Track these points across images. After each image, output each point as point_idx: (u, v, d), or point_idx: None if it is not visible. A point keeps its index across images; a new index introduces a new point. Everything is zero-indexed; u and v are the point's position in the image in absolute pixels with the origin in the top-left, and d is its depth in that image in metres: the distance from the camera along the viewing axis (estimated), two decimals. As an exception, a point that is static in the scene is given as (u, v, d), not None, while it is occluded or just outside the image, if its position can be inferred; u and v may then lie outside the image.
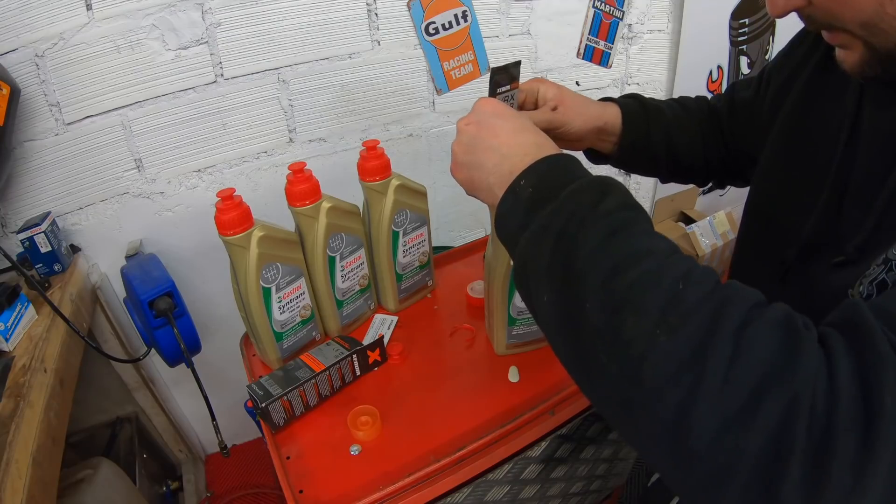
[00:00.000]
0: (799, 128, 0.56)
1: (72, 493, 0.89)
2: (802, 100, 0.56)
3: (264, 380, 0.69)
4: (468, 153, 0.49)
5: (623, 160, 0.73)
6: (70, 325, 0.82)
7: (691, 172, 0.76)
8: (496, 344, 0.78)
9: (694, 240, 1.71)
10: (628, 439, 0.35)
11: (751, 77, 0.68)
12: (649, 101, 0.72)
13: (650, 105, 0.72)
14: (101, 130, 1.00)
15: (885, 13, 0.37)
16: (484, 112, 0.50)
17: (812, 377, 0.27)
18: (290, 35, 1.06)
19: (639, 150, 0.71)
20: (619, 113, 0.69)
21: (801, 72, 0.57)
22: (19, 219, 0.99)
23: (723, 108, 0.72)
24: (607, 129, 0.69)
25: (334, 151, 1.21)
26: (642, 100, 0.73)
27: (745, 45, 1.62)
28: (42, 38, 0.90)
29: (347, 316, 0.84)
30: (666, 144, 0.71)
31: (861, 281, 0.42)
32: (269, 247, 0.69)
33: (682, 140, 0.72)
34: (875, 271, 0.40)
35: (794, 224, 0.52)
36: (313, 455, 0.65)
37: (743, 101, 0.68)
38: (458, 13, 1.19)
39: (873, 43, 0.40)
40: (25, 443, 0.62)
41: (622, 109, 0.70)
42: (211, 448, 1.45)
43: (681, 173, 0.76)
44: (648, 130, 0.70)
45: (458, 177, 0.52)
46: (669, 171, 0.75)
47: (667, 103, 0.74)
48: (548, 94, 0.65)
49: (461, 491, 0.64)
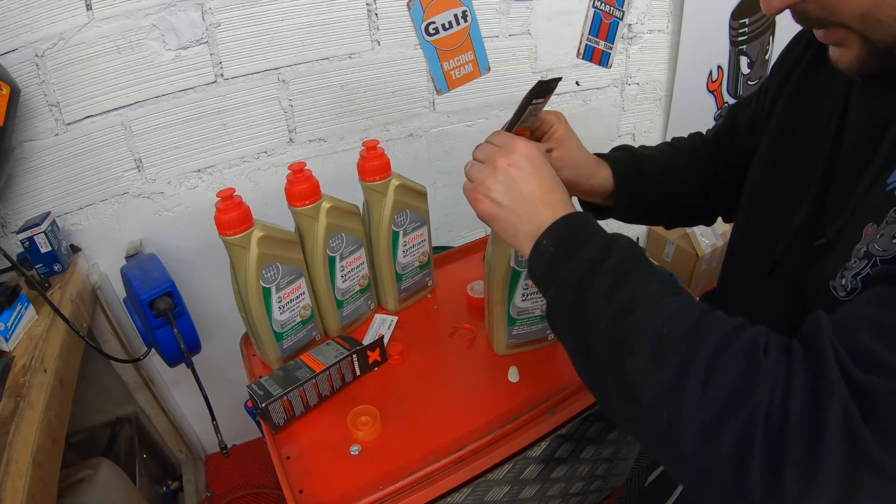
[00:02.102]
0: (791, 122, 0.56)
1: (72, 493, 0.90)
2: (795, 95, 0.56)
3: (264, 380, 0.69)
4: (505, 195, 0.52)
5: (621, 213, 0.73)
6: (70, 325, 0.82)
7: (695, 213, 0.76)
8: (496, 344, 0.78)
9: (694, 240, 1.71)
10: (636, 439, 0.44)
11: (751, 95, 0.67)
12: (639, 151, 0.72)
13: (641, 155, 0.72)
14: (101, 130, 1.00)
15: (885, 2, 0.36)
16: (523, 157, 0.52)
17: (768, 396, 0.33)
18: (290, 35, 1.06)
19: (635, 204, 0.71)
20: (610, 175, 0.69)
21: (795, 70, 0.57)
22: (19, 219, 0.99)
23: (723, 131, 0.72)
24: (595, 191, 0.69)
25: (334, 151, 1.21)
26: (634, 151, 0.73)
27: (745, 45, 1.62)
28: (42, 38, 0.90)
29: (347, 316, 0.84)
30: (664, 194, 0.71)
31: (843, 274, 0.41)
32: (269, 247, 0.69)
33: (678, 184, 0.72)
34: (858, 265, 0.40)
35: (784, 218, 0.52)
36: (313, 455, 0.65)
37: (745, 121, 0.67)
38: (458, 13, 1.19)
39: (870, 37, 0.39)
40: (25, 443, 0.62)
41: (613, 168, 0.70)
42: (211, 448, 1.46)
43: (685, 216, 0.76)
44: (643, 182, 0.70)
45: (483, 209, 0.54)
46: (672, 218, 0.75)
47: (658, 148, 0.75)
48: (556, 133, 0.65)
49: (461, 491, 0.64)
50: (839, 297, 0.42)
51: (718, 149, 0.72)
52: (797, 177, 0.52)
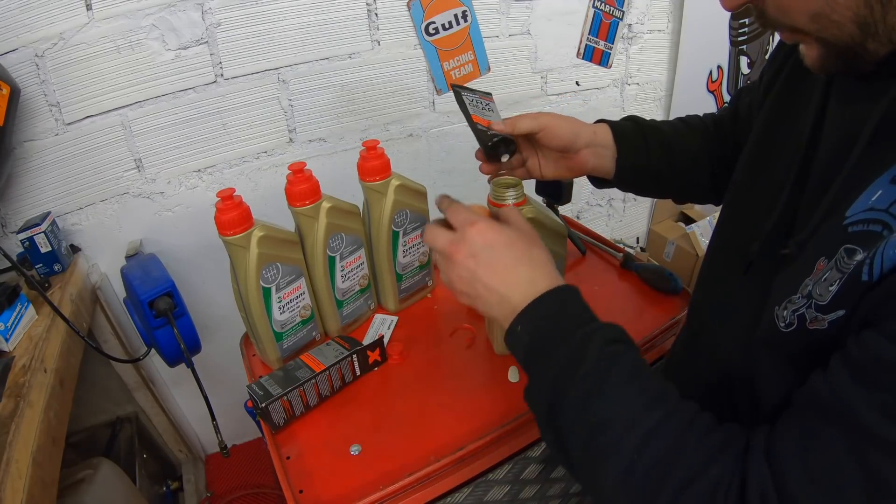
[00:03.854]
0: (774, 120, 0.55)
1: (72, 493, 0.90)
2: (781, 92, 0.55)
3: (264, 380, 0.69)
4: (469, 288, 0.52)
5: (624, 179, 0.71)
6: (70, 325, 0.82)
7: (699, 188, 0.75)
8: (496, 344, 0.78)
9: (694, 240, 1.71)
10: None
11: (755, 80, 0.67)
12: (646, 121, 0.72)
13: (646, 123, 0.71)
14: (101, 130, 1.00)
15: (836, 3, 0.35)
16: (476, 244, 0.51)
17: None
18: (290, 35, 1.06)
19: (639, 167, 0.70)
20: (608, 128, 0.69)
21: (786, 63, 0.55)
22: (19, 219, 0.99)
23: (727, 115, 0.71)
24: (599, 142, 0.68)
25: (334, 151, 1.21)
26: (638, 119, 0.72)
27: (745, 45, 1.62)
28: (42, 38, 0.90)
29: (347, 316, 0.84)
30: (668, 160, 0.70)
31: (787, 305, 0.41)
32: (269, 247, 0.69)
33: (684, 154, 0.71)
34: (799, 302, 0.40)
35: (762, 217, 0.52)
36: (313, 455, 0.65)
37: (746, 106, 0.67)
38: (458, 13, 1.19)
39: (826, 38, 0.38)
40: (25, 443, 0.62)
41: (612, 125, 0.69)
42: (211, 448, 1.45)
43: (690, 189, 0.75)
44: (646, 145, 0.69)
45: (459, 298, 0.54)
46: (678, 186, 0.74)
47: (666, 122, 0.74)
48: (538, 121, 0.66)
49: (461, 491, 0.64)
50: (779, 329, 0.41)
51: (724, 132, 0.72)
52: (775, 176, 0.51)
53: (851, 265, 0.35)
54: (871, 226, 0.35)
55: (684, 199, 0.77)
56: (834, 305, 0.36)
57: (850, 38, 0.37)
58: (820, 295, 0.38)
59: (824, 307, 0.37)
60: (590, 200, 1.73)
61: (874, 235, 0.35)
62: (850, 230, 0.37)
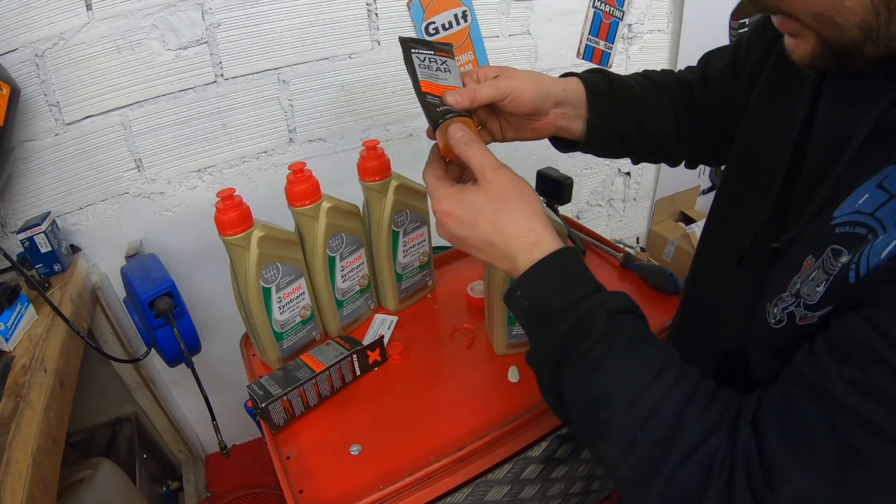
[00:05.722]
0: (766, 112, 0.54)
1: (72, 493, 0.90)
2: (770, 82, 0.54)
3: (264, 380, 0.69)
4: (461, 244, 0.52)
5: (593, 141, 0.66)
6: (70, 326, 0.82)
7: (664, 151, 0.71)
8: (496, 344, 0.78)
9: (694, 240, 1.71)
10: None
11: (724, 47, 0.64)
12: (615, 75, 0.67)
13: (616, 79, 0.66)
14: (101, 130, 1.00)
15: (843, 6, 0.34)
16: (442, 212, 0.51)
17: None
18: (290, 35, 1.06)
19: (609, 128, 0.65)
20: (580, 86, 0.63)
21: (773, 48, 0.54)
22: (19, 219, 0.99)
23: (695, 81, 0.68)
24: (569, 100, 0.63)
25: (334, 151, 1.21)
26: (607, 73, 0.67)
27: (745, 45, 1.62)
28: (42, 38, 0.90)
29: (347, 316, 0.84)
30: (637, 121, 0.66)
31: (777, 302, 0.41)
32: (269, 247, 0.69)
33: (654, 116, 0.67)
34: (788, 300, 0.40)
35: (754, 211, 0.51)
36: (313, 455, 0.65)
37: (716, 73, 0.64)
38: (458, 13, 1.19)
39: (826, 36, 0.37)
40: (25, 443, 0.62)
41: (585, 82, 0.64)
42: (211, 448, 1.45)
43: (654, 152, 0.71)
44: (617, 105, 0.65)
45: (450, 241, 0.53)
46: (643, 149, 0.70)
47: (633, 78, 0.69)
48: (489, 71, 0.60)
49: (461, 491, 0.64)
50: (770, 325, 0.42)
51: (692, 96, 0.68)
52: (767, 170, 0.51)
53: (837, 267, 0.36)
54: (857, 228, 0.36)
55: (645, 160, 0.72)
56: (822, 304, 0.38)
57: (849, 41, 0.36)
58: (808, 294, 0.39)
59: (813, 306, 0.38)
60: (590, 200, 1.73)
61: (859, 238, 0.35)
62: (837, 231, 0.37)
